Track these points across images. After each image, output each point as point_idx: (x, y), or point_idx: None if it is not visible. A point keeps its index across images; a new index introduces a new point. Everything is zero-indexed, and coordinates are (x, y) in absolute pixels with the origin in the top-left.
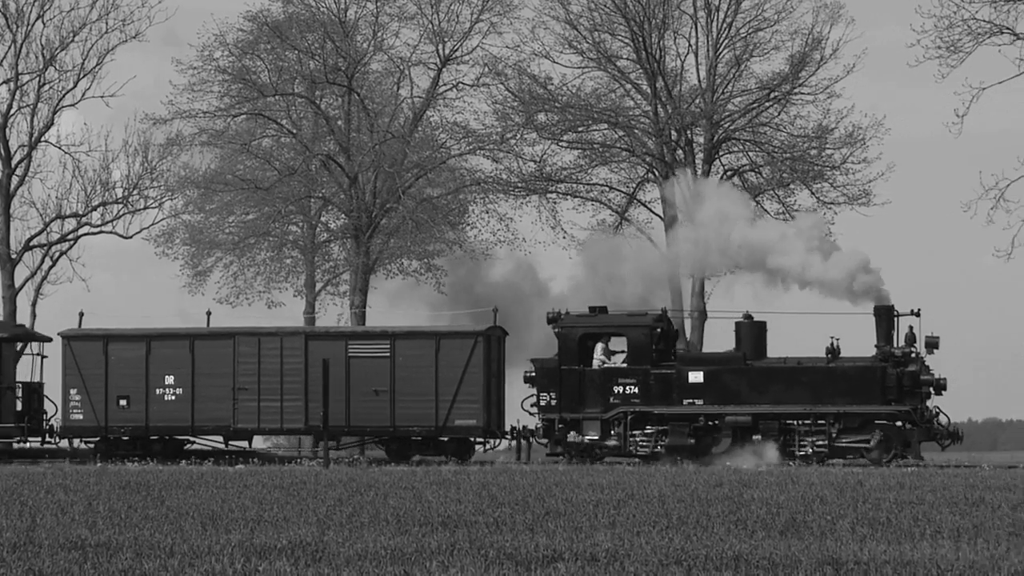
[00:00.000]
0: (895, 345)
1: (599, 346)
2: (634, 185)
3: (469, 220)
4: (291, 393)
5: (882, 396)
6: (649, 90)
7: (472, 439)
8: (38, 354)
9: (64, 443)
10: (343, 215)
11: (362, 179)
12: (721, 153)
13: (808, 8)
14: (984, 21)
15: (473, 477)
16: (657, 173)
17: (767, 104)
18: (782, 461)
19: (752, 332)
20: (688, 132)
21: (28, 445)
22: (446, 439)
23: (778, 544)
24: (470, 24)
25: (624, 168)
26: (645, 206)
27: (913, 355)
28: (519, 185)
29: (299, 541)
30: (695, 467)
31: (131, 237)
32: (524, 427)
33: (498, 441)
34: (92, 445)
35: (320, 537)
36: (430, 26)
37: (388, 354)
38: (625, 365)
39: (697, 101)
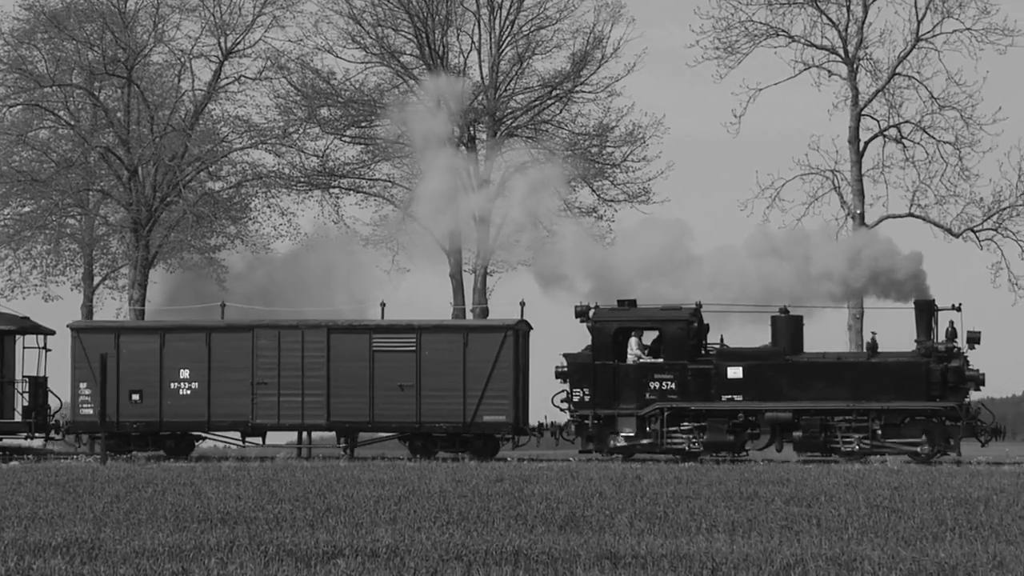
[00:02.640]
0: (936, 340)
1: (633, 340)
2: (416, 181)
3: (251, 214)
4: (312, 388)
5: (927, 392)
6: (431, 87)
7: (501, 436)
8: (43, 347)
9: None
10: (122, 208)
11: (142, 172)
12: (504, 150)
13: (590, 7)
14: (761, 23)
15: (254, 473)
16: (441, 169)
17: (549, 102)
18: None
19: (789, 326)
20: (471, 129)
21: (30, 443)
22: (472, 436)
23: (557, 539)
24: (252, 17)
25: (407, 164)
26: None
27: (955, 350)
28: (302, 180)
29: (75, 538)
30: (476, 463)
31: None
32: (552, 423)
33: (527, 438)
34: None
35: (96, 534)
36: (212, 18)
37: (414, 348)
38: (661, 360)
39: (480, 98)
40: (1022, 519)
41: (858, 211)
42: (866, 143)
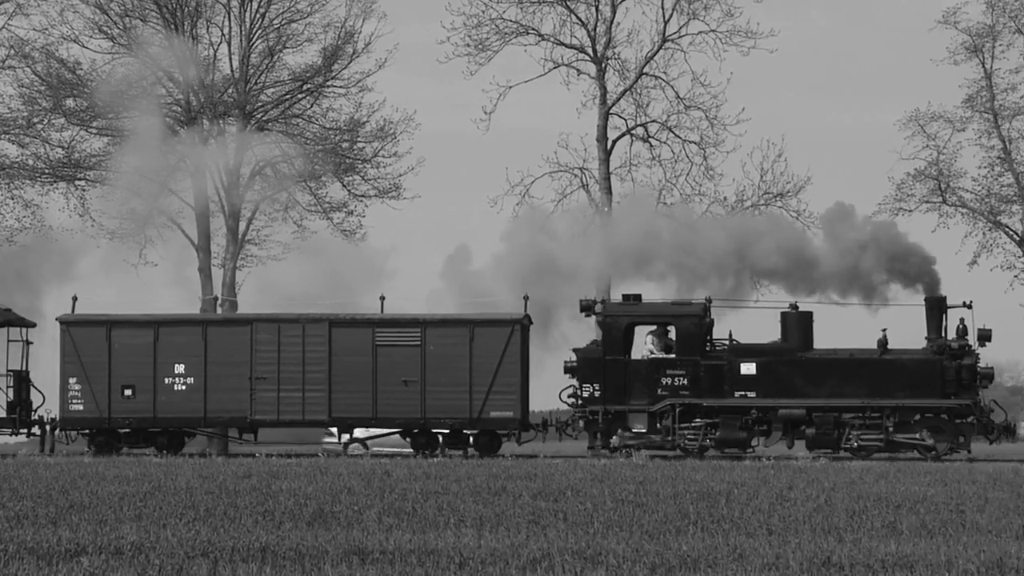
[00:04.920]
0: (947, 337)
1: (649, 336)
2: (166, 174)
3: None
4: (313, 383)
5: (941, 389)
6: (181, 78)
7: (507, 431)
8: (25, 340)
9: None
10: None
11: None
12: (254, 144)
13: (341, 2)
14: (511, 21)
15: None
16: (189, 163)
17: (300, 96)
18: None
19: (800, 323)
20: (221, 122)
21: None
22: (477, 432)
23: (305, 535)
24: None
25: (156, 156)
26: (177, 196)
27: (967, 347)
28: (46, 171)
29: None
30: (223, 459)
31: None
32: (557, 419)
33: (533, 433)
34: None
35: None
36: None
37: (419, 342)
38: (673, 356)
39: (230, 91)
40: (761, 512)
41: (606, 208)
42: (614, 141)
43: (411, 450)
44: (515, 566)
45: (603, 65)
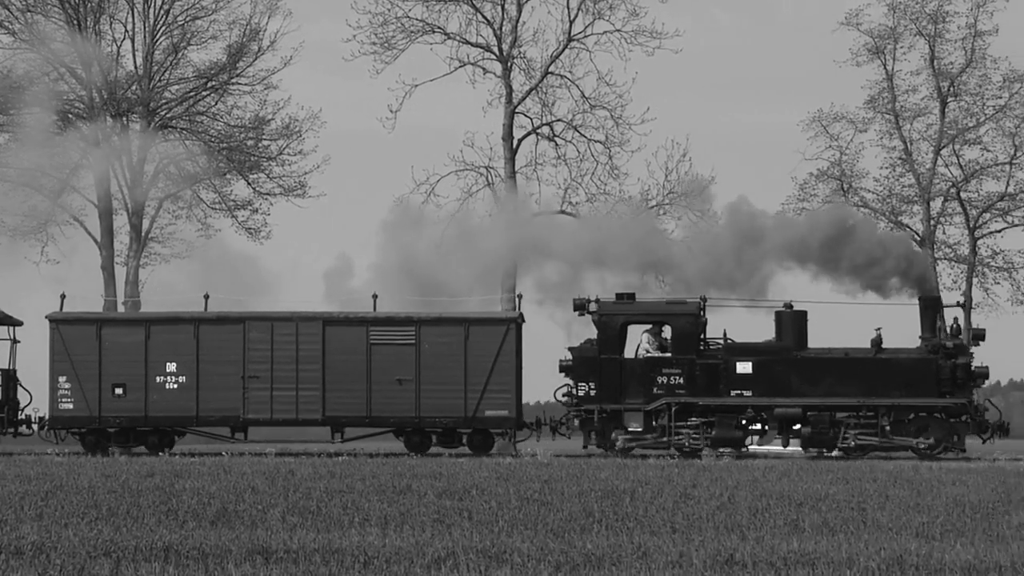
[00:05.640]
0: (940, 336)
1: (645, 335)
2: (67, 171)
3: None
4: (307, 382)
5: (936, 388)
6: (84, 75)
7: (503, 431)
8: (12, 339)
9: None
10: None
11: None
12: (158, 141)
13: None
14: (417, 20)
15: None
16: (93, 160)
17: (204, 93)
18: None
19: (794, 322)
20: (124, 119)
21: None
22: (472, 431)
23: (209, 534)
24: None
25: (58, 153)
26: (80, 193)
27: (962, 346)
28: None
29: None
30: (126, 458)
31: None
32: (551, 418)
33: (528, 432)
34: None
35: None
36: None
37: (413, 341)
38: (669, 355)
39: (134, 88)
40: (666, 510)
41: (511, 208)
42: (519, 140)
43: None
44: (420, 565)
45: (509, 64)
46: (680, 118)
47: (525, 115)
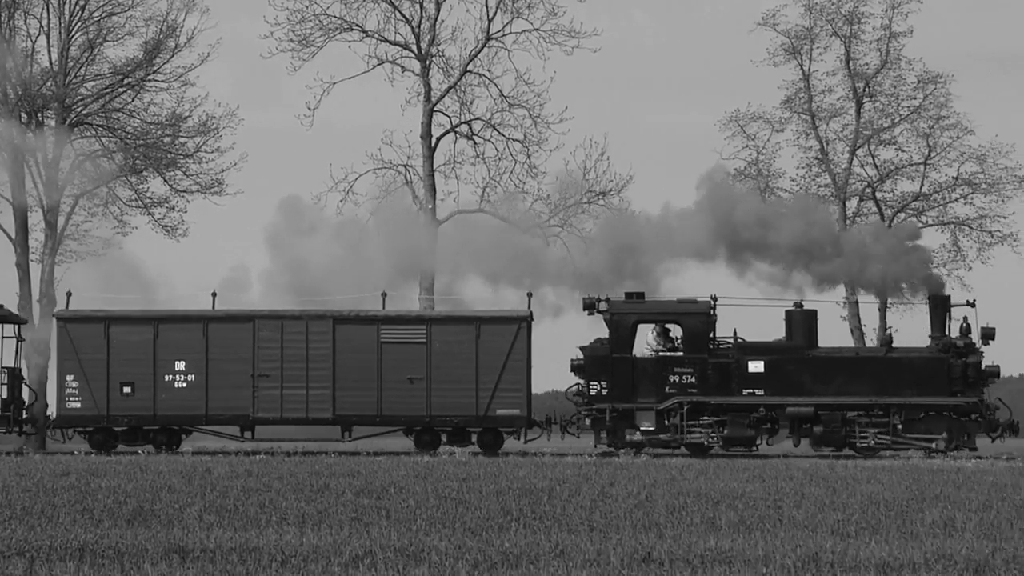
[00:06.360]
0: (951, 335)
1: (651, 333)
2: None
3: None
4: (317, 380)
5: (948, 387)
6: None
7: (514, 429)
8: (17, 337)
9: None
10: None
11: None
12: (73, 138)
13: None
14: (335, 17)
15: None
16: (7, 156)
17: (121, 90)
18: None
19: (804, 321)
20: (39, 115)
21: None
22: (483, 430)
23: (125, 533)
24: None
25: None
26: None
27: (972, 346)
28: None
29: None
30: (41, 456)
31: None
32: (561, 417)
33: (540, 431)
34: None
35: None
36: None
37: (424, 340)
38: (681, 353)
39: (49, 84)
40: (583, 509)
41: (429, 206)
42: (438, 139)
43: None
44: (337, 563)
45: (427, 62)
46: (598, 117)
47: (444, 113)
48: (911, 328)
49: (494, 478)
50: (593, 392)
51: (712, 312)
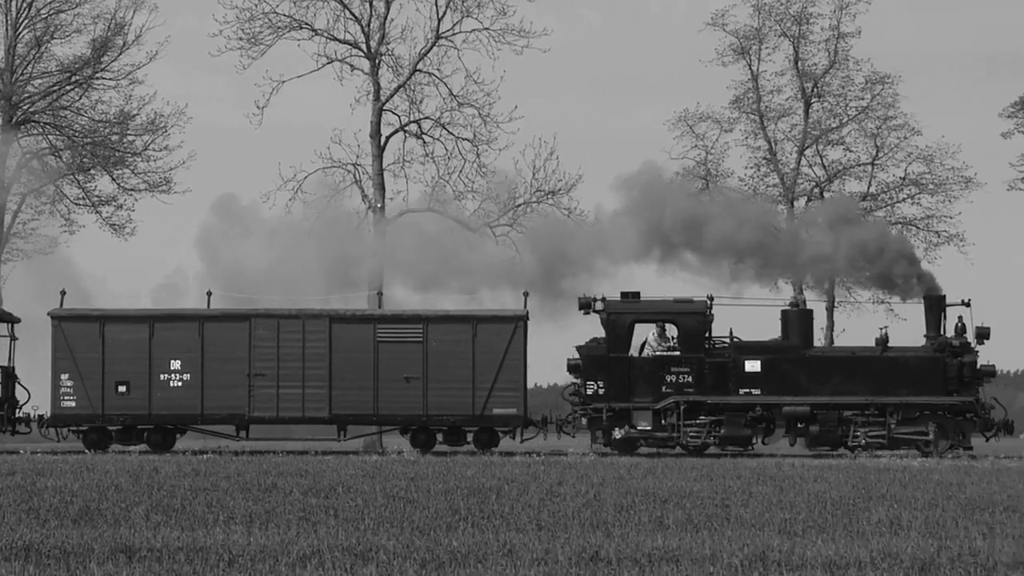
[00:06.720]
0: (946, 335)
1: (652, 334)
2: None
3: None
4: (313, 380)
5: (943, 387)
6: None
7: (510, 429)
8: (12, 336)
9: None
10: None
11: None
12: (20, 135)
13: None
14: (284, 16)
15: None
16: None
17: (68, 87)
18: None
19: (801, 320)
20: None
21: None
22: (479, 429)
23: (71, 533)
24: None
25: None
26: None
27: (968, 345)
28: None
29: None
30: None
31: None
32: (557, 416)
33: (536, 430)
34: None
35: None
36: None
37: (421, 339)
38: (678, 353)
39: None
40: (532, 508)
41: (379, 205)
42: (387, 138)
43: None
44: (285, 563)
45: (377, 61)
46: (548, 117)
47: (393, 112)
48: (858, 329)
49: (442, 477)
50: (590, 392)
51: (708, 312)
